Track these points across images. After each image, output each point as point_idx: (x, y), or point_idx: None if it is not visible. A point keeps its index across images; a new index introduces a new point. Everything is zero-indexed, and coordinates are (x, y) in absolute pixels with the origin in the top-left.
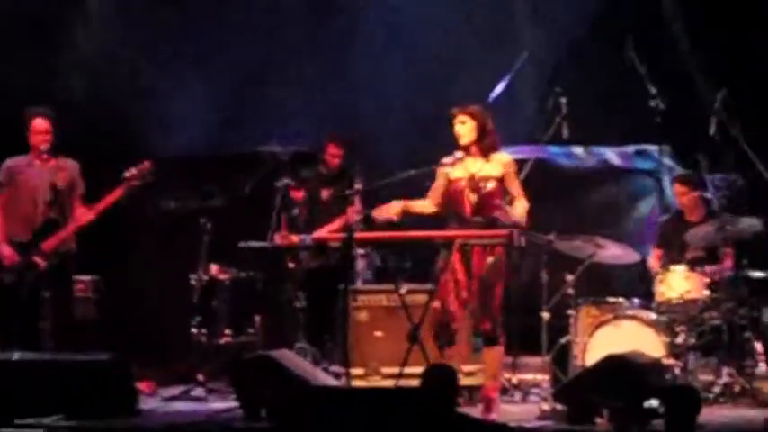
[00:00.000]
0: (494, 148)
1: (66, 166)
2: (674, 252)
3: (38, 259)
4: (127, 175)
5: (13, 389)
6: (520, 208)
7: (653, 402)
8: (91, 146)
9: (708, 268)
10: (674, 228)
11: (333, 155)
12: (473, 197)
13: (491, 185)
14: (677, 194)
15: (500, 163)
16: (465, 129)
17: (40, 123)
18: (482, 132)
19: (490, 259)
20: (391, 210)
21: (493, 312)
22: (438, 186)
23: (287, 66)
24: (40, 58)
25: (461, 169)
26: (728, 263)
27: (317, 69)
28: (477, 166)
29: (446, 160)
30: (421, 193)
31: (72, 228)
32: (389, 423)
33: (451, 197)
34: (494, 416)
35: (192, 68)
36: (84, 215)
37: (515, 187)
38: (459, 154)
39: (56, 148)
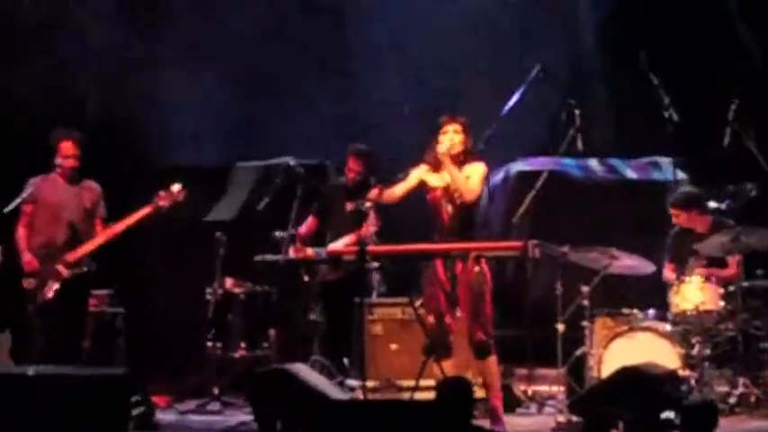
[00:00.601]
0: (467, 162)
1: (91, 188)
2: (684, 264)
3: (61, 268)
4: (157, 197)
5: (29, 404)
6: (459, 178)
7: (669, 414)
8: (100, 159)
9: (713, 270)
10: (682, 240)
11: (350, 169)
12: (450, 208)
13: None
14: (674, 218)
15: (471, 170)
16: (458, 139)
17: (68, 147)
18: (467, 148)
19: (476, 269)
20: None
21: (484, 322)
22: (409, 184)
23: (299, 79)
24: (44, 62)
25: (438, 178)
26: (733, 270)
27: (328, 82)
28: (454, 172)
29: (421, 166)
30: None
31: (99, 240)
32: None
33: (431, 207)
34: (503, 427)
35: (203, 79)
36: (110, 229)
37: (473, 178)
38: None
39: (81, 170)
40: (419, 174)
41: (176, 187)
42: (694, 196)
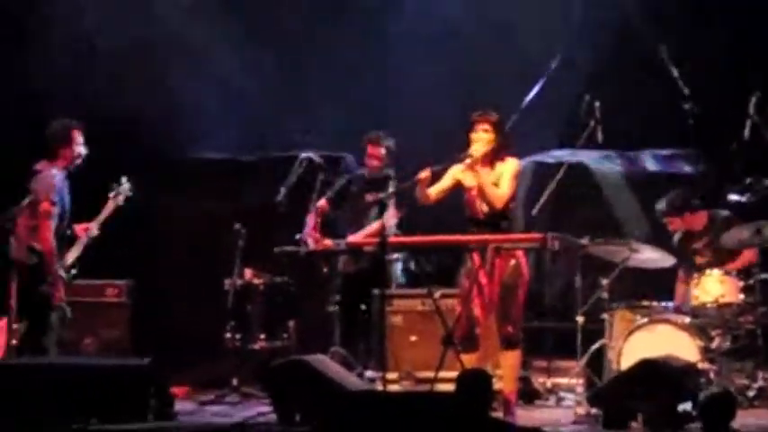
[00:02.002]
0: (502, 159)
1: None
2: (693, 265)
3: (62, 273)
4: (111, 194)
5: (50, 392)
6: (488, 186)
7: (687, 406)
8: (115, 148)
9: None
10: (687, 243)
11: (371, 155)
12: (484, 207)
13: None
14: (670, 225)
15: (503, 168)
16: (486, 138)
17: (80, 135)
18: (498, 144)
19: (512, 262)
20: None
21: (514, 316)
22: (444, 185)
23: (318, 74)
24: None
25: (471, 177)
26: (749, 255)
27: (347, 76)
28: (485, 176)
29: (460, 161)
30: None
31: (84, 243)
32: (424, 427)
33: (467, 204)
34: (514, 420)
35: (224, 70)
36: (88, 229)
37: (502, 182)
38: (468, 160)
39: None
40: (454, 173)
41: (124, 182)
42: (680, 198)
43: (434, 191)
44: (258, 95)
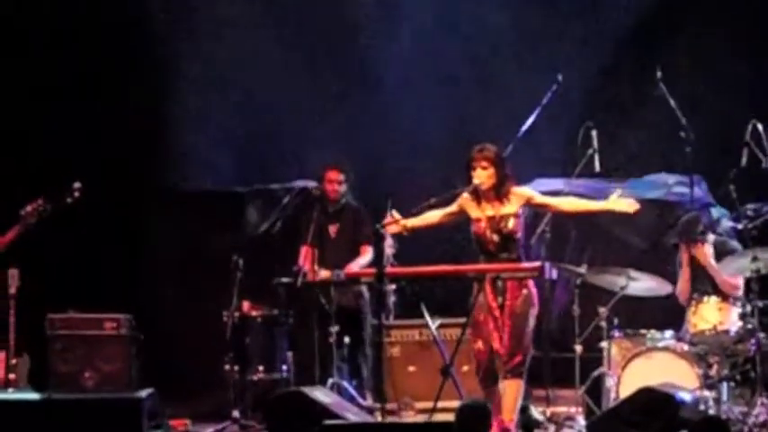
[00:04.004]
0: (508, 192)
1: None
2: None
3: None
4: (22, 212)
5: (49, 428)
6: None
7: None
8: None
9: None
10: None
11: (330, 180)
12: (495, 237)
13: (511, 224)
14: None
15: (516, 198)
16: (485, 174)
17: None
18: (500, 178)
19: (524, 292)
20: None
21: (524, 347)
22: (451, 210)
23: (317, 100)
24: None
25: (478, 210)
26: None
27: (347, 104)
28: (493, 209)
29: (465, 194)
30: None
31: None
32: None
33: (475, 237)
34: None
35: (223, 101)
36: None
37: (547, 198)
38: (467, 195)
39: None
40: (461, 202)
41: (39, 200)
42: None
43: (441, 213)
44: (256, 127)
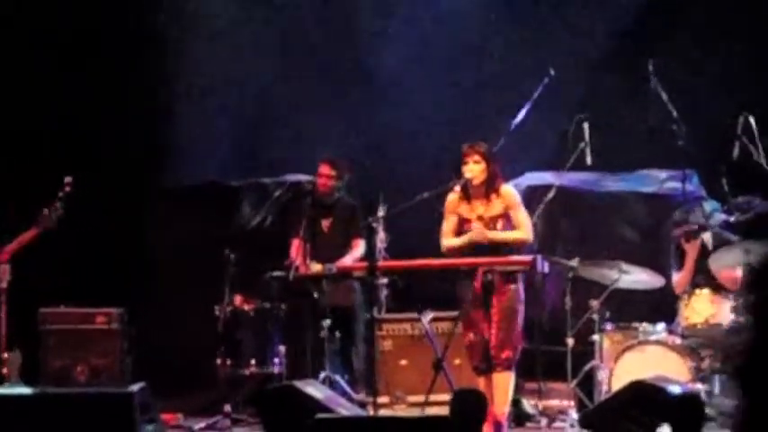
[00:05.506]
0: (498, 188)
1: None
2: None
3: None
4: (40, 218)
5: (41, 423)
6: (511, 236)
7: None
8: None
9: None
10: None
11: (320, 174)
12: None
13: (500, 225)
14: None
15: (502, 198)
16: (478, 169)
17: None
18: (491, 174)
19: (513, 286)
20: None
21: (514, 341)
22: (452, 225)
23: (314, 93)
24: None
25: (468, 209)
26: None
27: (345, 98)
28: (482, 207)
29: (455, 189)
30: (436, 215)
31: None
32: None
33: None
34: None
35: (216, 95)
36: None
37: (517, 218)
38: (458, 188)
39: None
40: (453, 206)
41: (56, 204)
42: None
43: (452, 241)
44: (249, 119)
